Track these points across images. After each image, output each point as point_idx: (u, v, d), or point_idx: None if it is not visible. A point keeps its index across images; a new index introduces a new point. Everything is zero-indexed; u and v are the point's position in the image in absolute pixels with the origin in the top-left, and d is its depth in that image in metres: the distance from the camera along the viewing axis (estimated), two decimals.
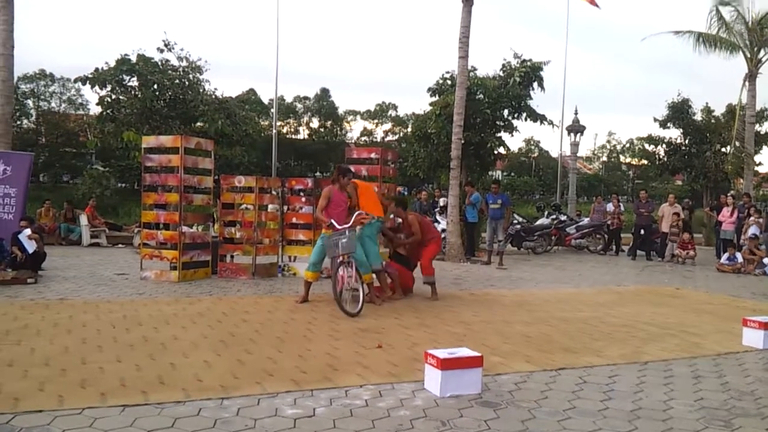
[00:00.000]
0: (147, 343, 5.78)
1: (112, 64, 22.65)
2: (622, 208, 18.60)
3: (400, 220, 9.34)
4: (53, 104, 41.00)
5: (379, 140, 55.28)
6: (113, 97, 23.14)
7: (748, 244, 14.24)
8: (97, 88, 22.59)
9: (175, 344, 5.76)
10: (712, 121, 23.70)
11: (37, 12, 74.76)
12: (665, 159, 25.25)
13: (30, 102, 39.64)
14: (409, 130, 31.88)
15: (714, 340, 6.70)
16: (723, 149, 22.81)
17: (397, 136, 54.24)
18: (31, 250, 10.04)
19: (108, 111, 23.47)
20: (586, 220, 18.75)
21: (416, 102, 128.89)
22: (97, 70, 22.56)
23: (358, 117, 59.19)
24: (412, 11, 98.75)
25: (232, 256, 11.33)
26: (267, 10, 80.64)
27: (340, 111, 55.43)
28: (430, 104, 17.88)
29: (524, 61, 17.23)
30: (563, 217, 18.66)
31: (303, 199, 11.42)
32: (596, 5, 23.74)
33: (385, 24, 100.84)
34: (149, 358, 5.23)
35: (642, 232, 16.47)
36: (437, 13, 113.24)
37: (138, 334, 6.10)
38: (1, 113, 13.58)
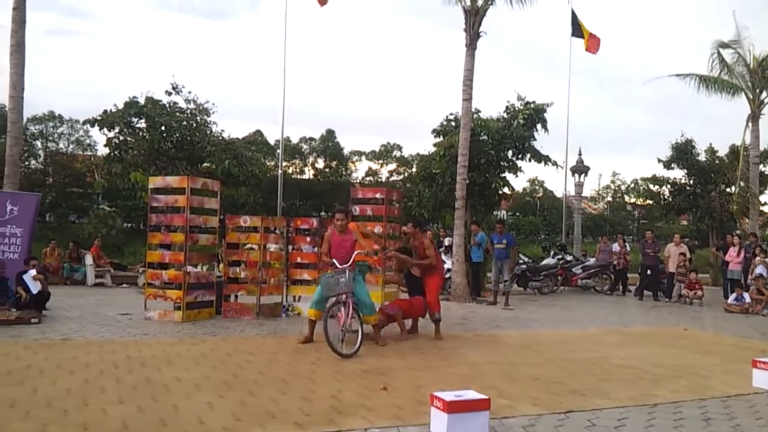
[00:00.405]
0: (150, 384, 5.73)
1: (121, 106, 22.91)
2: (628, 248, 18.56)
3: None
4: (61, 145, 41.45)
5: (384, 180, 55.50)
6: (121, 138, 23.32)
7: (755, 283, 14.14)
8: (105, 129, 22.81)
9: (178, 385, 5.71)
10: (716, 161, 23.73)
11: (48, 55, 76.22)
12: (670, 199, 25.22)
13: (38, 143, 40.08)
14: (414, 170, 32.07)
15: (723, 381, 6.61)
16: (728, 189, 22.80)
17: (402, 177, 54.44)
18: (35, 291, 10.03)
19: (115, 152, 23.62)
20: (592, 260, 18.68)
21: (421, 143, 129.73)
22: (105, 112, 22.79)
23: (363, 157, 59.57)
24: (416, 55, 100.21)
25: (236, 296, 11.28)
26: (274, 53, 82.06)
27: (346, 151, 55.80)
28: (435, 145, 18.02)
29: (528, 103, 17.41)
30: (569, 257, 18.61)
31: (308, 239, 11.43)
32: (593, 52, 24.58)
33: (390, 67, 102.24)
34: (152, 400, 5.18)
35: (648, 272, 16.40)
36: (441, 56, 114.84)
37: (141, 375, 6.06)
38: (10, 154, 13.75)
